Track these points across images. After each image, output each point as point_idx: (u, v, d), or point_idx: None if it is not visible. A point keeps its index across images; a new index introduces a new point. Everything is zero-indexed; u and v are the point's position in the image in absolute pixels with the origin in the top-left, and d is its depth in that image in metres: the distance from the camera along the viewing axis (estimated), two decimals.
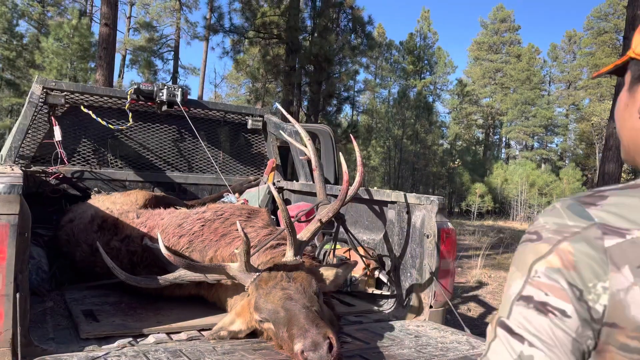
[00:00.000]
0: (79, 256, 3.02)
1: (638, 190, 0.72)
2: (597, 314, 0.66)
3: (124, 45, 31.71)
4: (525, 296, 0.70)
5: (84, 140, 4.07)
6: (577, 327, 0.67)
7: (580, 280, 0.67)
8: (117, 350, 2.05)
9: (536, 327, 0.68)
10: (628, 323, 0.65)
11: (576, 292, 0.67)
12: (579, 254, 0.68)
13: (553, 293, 0.68)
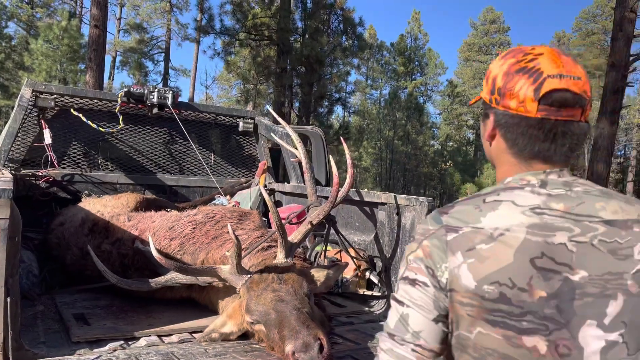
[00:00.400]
0: (70, 260, 3.01)
1: (473, 200, 1.04)
2: (443, 283, 0.98)
3: (114, 47, 31.55)
4: (404, 277, 1.03)
5: (74, 143, 4.06)
6: (434, 292, 0.99)
7: (433, 263, 0.99)
8: (108, 353, 2.05)
9: (410, 295, 1.01)
10: (460, 288, 0.96)
11: (430, 271, 0.99)
12: (432, 246, 1.00)
13: (418, 272, 1.01)
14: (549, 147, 1.03)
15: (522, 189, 1.02)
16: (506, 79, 1.04)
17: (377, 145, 36.41)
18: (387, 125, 35.74)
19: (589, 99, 1.02)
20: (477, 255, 0.96)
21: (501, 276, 0.94)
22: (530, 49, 1.06)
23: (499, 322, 0.94)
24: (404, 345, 0.99)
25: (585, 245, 0.95)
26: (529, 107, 1.01)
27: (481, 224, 0.98)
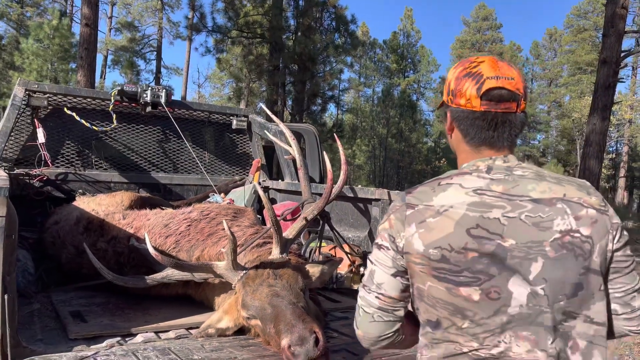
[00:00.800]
0: (65, 258, 3.02)
1: (432, 183, 1.30)
2: (400, 247, 1.27)
3: (105, 46, 31.38)
4: (375, 243, 1.34)
5: (67, 142, 4.06)
6: (393, 254, 1.29)
7: (394, 232, 1.29)
8: (106, 350, 2.07)
9: (377, 256, 1.32)
10: (413, 251, 1.24)
11: (392, 238, 1.29)
12: (395, 219, 1.29)
13: (383, 240, 1.31)
14: (492, 135, 1.30)
15: (471, 174, 1.28)
16: (457, 83, 1.32)
17: (371, 143, 36.46)
18: (380, 122, 35.80)
19: (522, 95, 1.28)
20: (426, 226, 1.23)
21: (443, 242, 1.21)
22: (474, 58, 1.34)
23: (442, 278, 1.21)
24: (370, 293, 1.32)
25: (514, 220, 1.20)
26: (474, 102, 1.28)
27: (432, 202, 1.25)
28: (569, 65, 41.57)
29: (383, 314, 1.31)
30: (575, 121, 35.80)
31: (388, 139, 35.34)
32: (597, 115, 15.07)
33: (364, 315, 1.33)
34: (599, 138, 15.28)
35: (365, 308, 1.32)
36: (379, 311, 1.31)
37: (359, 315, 1.34)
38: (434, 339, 1.25)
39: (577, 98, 37.15)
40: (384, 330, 1.32)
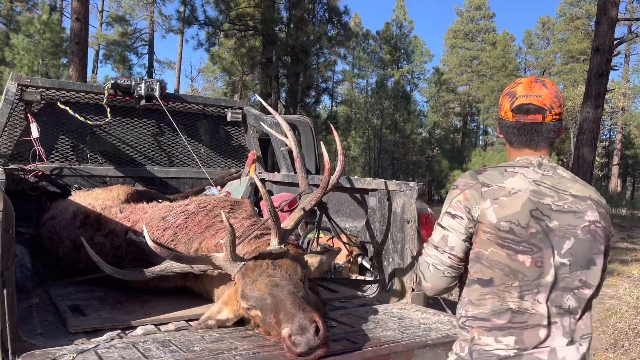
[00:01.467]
0: (62, 253, 3.01)
1: (498, 169, 1.64)
2: (475, 217, 1.58)
3: (96, 40, 31.12)
4: (447, 212, 1.64)
5: (62, 137, 4.04)
6: (466, 223, 1.59)
7: (470, 204, 1.59)
8: (106, 343, 2.07)
9: (451, 224, 1.62)
10: (486, 221, 1.56)
11: (467, 209, 1.59)
12: (471, 194, 1.60)
13: (458, 210, 1.61)
14: (525, 139, 1.67)
15: (528, 168, 1.63)
16: (501, 99, 1.71)
17: (365, 135, 36.45)
18: (374, 114, 35.75)
19: (548, 108, 1.63)
20: (499, 203, 1.55)
21: (512, 217, 1.54)
22: (518, 80, 1.71)
23: (506, 245, 1.54)
24: (444, 253, 1.63)
25: (559, 207, 1.58)
26: (508, 115, 1.68)
27: (504, 184, 1.58)
28: (562, 53, 41.61)
29: (452, 270, 1.63)
30: (569, 110, 35.90)
31: (382, 130, 35.33)
32: (590, 103, 15.11)
33: (434, 271, 1.65)
34: (592, 126, 15.33)
35: (438, 266, 1.64)
36: (449, 268, 1.63)
37: (429, 271, 1.66)
38: (481, 295, 1.58)
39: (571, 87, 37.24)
40: (450, 283, 1.67)
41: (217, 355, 1.98)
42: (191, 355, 1.97)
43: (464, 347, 1.63)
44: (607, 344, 4.98)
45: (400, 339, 2.25)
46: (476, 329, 1.59)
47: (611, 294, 7.08)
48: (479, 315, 1.58)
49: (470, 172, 1.65)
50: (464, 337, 1.63)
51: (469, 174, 1.65)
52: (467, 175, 1.65)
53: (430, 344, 2.23)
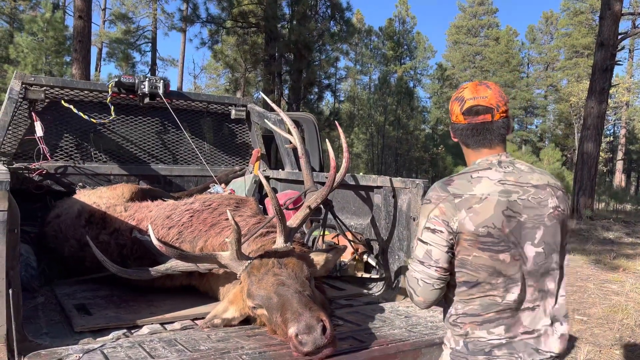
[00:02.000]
0: (68, 252, 3.01)
1: (463, 176, 1.71)
2: (454, 229, 1.64)
3: (99, 38, 31.11)
4: (426, 227, 1.68)
5: (66, 135, 4.03)
6: (447, 235, 1.65)
7: (447, 218, 1.64)
8: (112, 342, 2.06)
9: (432, 238, 1.67)
10: (465, 230, 1.63)
11: (446, 222, 1.65)
12: (446, 207, 1.65)
13: (437, 224, 1.66)
14: (479, 139, 1.76)
15: (490, 169, 1.71)
16: (451, 105, 1.81)
17: (369, 131, 36.39)
18: (377, 110, 35.68)
19: (495, 107, 1.73)
20: (474, 211, 1.63)
21: (488, 222, 1.63)
22: (463, 85, 1.81)
23: (486, 248, 1.63)
24: (430, 267, 1.67)
25: (525, 200, 1.68)
26: (460, 118, 1.77)
27: (473, 192, 1.66)
28: (566, 48, 41.40)
29: (440, 282, 1.69)
30: (573, 105, 35.75)
31: (386, 127, 35.26)
32: (594, 98, 15.03)
33: (424, 285, 1.69)
34: (597, 121, 15.26)
35: (427, 280, 1.68)
36: (437, 281, 1.68)
37: (419, 285, 1.70)
38: (469, 295, 1.67)
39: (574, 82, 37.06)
40: (440, 294, 1.72)
41: (223, 354, 1.97)
42: (197, 355, 1.96)
43: (458, 341, 1.73)
44: (613, 340, 4.96)
45: (407, 338, 2.23)
46: (468, 324, 1.69)
47: (617, 290, 7.05)
48: (469, 312, 1.69)
49: (440, 185, 1.71)
50: (457, 333, 1.73)
51: (438, 186, 1.71)
52: (436, 188, 1.71)
53: (438, 343, 2.21)
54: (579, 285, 7.26)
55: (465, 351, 1.70)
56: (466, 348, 1.70)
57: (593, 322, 5.54)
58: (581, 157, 15.52)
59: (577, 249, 9.99)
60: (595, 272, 8.16)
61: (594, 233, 12.42)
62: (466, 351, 1.70)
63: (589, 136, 15.25)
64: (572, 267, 8.22)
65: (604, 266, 8.63)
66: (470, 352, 1.69)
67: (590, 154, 15.27)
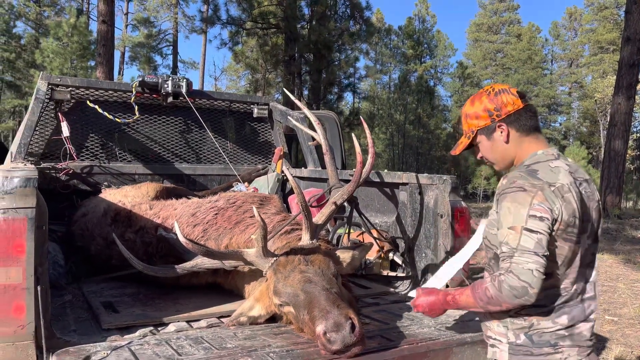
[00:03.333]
0: (94, 250, 3.02)
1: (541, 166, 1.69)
2: (556, 216, 1.60)
3: (122, 42, 31.64)
4: (532, 215, 1.58)
5: (91, 135, 4.07)
6: (550, 223, 1.59)
7: (550, 205, 1.60)
8: (139, 339, 2.06)
9: (541, 226, 1.58)
10: (561, 219, 1.61)
11: (550, 210, 1.59)
12: (545, 194, 1.61)
13: (542, 212, 1.58)
14: (535, 122, 1.78)
15: (558, 159, 1.72)
16: (494, 102, 1.76)
17: (389, 130, 36.20)
18: (397, 110, 35.48)
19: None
20: (566, 200, 1.63)
21: (575, 212, 1.63)
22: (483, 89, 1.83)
23: (568, 239, 1.64)
24: (543, 257, 1.57)
25: (586, 193, 1.71)
26: (518, 102, 1.75)
27: (560, 181, 1.64)
28: (590, 44, 40.58)
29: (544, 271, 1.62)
30: (598, 102, 34.99)
31: (406, 126, 35.05)
32: (621, 94, 14.68)
33: (539, 276, 1.56)
34: (624, 118, 14.90)
35: (540, 269, 1.56)
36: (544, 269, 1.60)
37: (535, 277, 1.55)
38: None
39: (599, 78, 36.27)
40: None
41: (250, 352, 1.95)
42: (224, 352, 1.94)
43: (519, 335, 1.69)
44: None
45: (437, 337, 2.18)
46: (535, 316, 1.67)
47: None
48: (536, 303, 1.62)
49: (526, 173, 1.66)
50: (519, 325, 1.69)
51: (524, 174, 1.65)
52: (524, 176, 1.64)
53: (469, 342, 2.16)
54: (609, 285, 7.08)
55: (529, 344, 1.67)
56: (530, 340, 1.67)
57: (624, 323, 5.38)
58: (608, 154, 15.17)
59: (606, 248, 9.75)
60: (625, 272, 7.94)
61: (623, 232, 12.12)
62: (530, 344, 1.67)
63: (616, 133, 14.90)
64: (601, 267, 8.02)
65: (634, 265, 8.40)
66: (535, 344, 1.66)
67: (617, 152, 14.91)
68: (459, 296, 1.75)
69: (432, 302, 1.87)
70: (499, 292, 1.58)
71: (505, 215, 1.62)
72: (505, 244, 1.60)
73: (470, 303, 1.70)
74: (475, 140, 1.84)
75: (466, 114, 1.83)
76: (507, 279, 1.56)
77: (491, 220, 1.75)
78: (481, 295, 1.64)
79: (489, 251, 1.80)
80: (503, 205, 1.64)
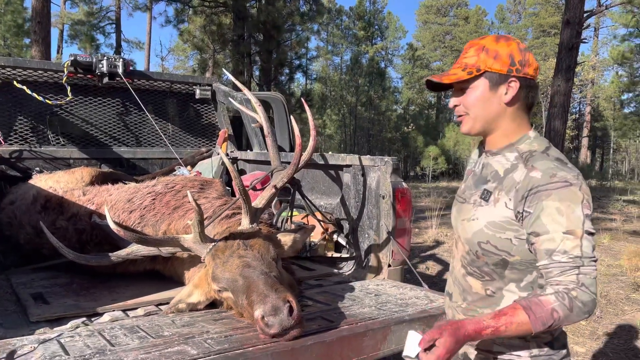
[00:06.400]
0: (24, 239, 2.87)
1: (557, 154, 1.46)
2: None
3: (60, 20, 30.00)
4: (587, 214, 1.35)
5: (20, 118, 3.84)
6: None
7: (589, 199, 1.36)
8: (70, 331, 1.97)
9: (592, 227, 1.35)
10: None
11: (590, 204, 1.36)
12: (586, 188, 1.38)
13: (590, 208, 1.36)
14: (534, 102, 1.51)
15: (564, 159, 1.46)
16: (522, 54, 1.45)
17: (341, 112, 36.35)
18: (349, 91, 35.62)
19: None
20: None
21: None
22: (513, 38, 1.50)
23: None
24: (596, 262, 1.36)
25: None
26: (536, 73, 1.47)
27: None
28: (534, 28, 41.92)
29: None
30: (541, 83, 36.32)
31: (358, 108, 35.27)
32: (561, 76, 15.26)
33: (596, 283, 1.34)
34: (563, 99, 15.51)
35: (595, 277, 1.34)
36: None
37: (594, 284, 1.33)
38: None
39: (542, 60, 37.61)
40: None
41: (187, 339, 1.90)
42: (160, 341, 1.89)
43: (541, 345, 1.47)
44: None
45: (376, 316, 2.21)
46: None
47: None
48: None
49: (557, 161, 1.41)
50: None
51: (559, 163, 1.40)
52: (559, 167, 1.39)
53: (407, 320, 2.20)
54: None
55: (550, 352, 1.47)
56: (550, 347, 1.48)
57: None
58: (549, 134, 15.79)
59: None
60: None
61: None
62: (551, 351, 1.48)
63: (556, 114, 15.51)
64: None
65: None
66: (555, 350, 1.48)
67: (557, 132, 15.54)
68: (504, 327, 1.31)
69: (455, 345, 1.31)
70: (569, 311, 1.28)
71: (556, 218, 1.33)
72: (564, 252, 1.32)
73: (524, 330, 1.31)
74: (472, 82, 1.48)
75: (485, 47, 1.46)
76: (580, 295, 1.29)
77: (499, 223, 1.45)
78: (546, 319, 1.29)
79: (489, 257, 1.50)
80: (549, 204, 1.34)
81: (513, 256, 1.46)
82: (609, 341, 4.43)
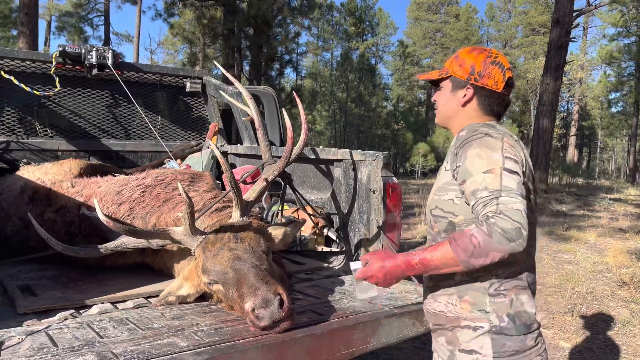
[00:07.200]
0: (11, 231, 2.84)
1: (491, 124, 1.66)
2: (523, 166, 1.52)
3: (48, 11, 29.60)
4: (507, 157, 1.48)
5: (7, 109, 3.79)
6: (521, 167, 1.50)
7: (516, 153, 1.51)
8: (58, 323, 1.96)
9: (515, 167, 1.47)
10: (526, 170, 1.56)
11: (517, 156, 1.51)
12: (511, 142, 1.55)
13: (513, 155, 1.50)
14: (500, 110, 1.71)
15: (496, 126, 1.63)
16: (484, 67, 1.66)
17: (331, 108, 36.33)
18: (339, 87, 35.60)
19: None
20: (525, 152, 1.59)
21: (531, 167, 1.60)
22: (490, 50, 1.71)
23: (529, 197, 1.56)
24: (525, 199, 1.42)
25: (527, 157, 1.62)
26: (500, 86, 1.66)
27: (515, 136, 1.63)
28: (523, 26, 42.16)
29: None
30: (529, 82, 36.60)
31: (348, 104, 35.27)
32: (549, 75, 15.38)
33: (526, 217, 1.39)
34: (552, 97, 15.65)
35: (526, 212, 1.40)
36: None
37: (524, 217, 1.38)
38: None
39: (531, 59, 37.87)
40: None
41: (177, 332, 1.90)
42: (150, 333, 1.88)
43: (502, 316, 1.53)
44: (566, 307, 5.14)
45: (366, 310, 2.21)
46: (512, 289, 1.55)
47: (569, 259, 7.32)
48: (511, 275, 1.56)
49: (486, 125, 1.61)
50: (500, 305, 1.54)
51: (486, 126, 1.60)
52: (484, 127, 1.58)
53: (397, 314, 2.21)
54: None
55: (511, 326, 1.53)
56: (513, 322, 1.53)
57: (546, 290, 5.73)
58: (537, 132, 15.93)
59: None
60: (549, 243, 8.44)
61: (548, 206, 12.85)
62: (512, 326, 1.53)
63: (544, 112, 15.64)
64: None
65: (557, 237, 8.94)
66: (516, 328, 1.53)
67: (545, 130, 15.68)
68: (430, 255, 1.45)
69: (390, 268, 1.54)
70: (488, 237, 1.34)
71: (476, 162, 1.47)
72: (484, 189, 1.42)
73: (449, 260, 1.41)
74: (442, 82, 1.75)
75: (457, 56, 1.72)
76: (499, 221, 1.35)
77: (442, 186, 1.63)
78: (466, 245, 1.37)
79: (439, 222, 1.64)
80: (470, 153, 1.50)
81: (457, 216, 1.60)
82: (595, 337, 4.50)
